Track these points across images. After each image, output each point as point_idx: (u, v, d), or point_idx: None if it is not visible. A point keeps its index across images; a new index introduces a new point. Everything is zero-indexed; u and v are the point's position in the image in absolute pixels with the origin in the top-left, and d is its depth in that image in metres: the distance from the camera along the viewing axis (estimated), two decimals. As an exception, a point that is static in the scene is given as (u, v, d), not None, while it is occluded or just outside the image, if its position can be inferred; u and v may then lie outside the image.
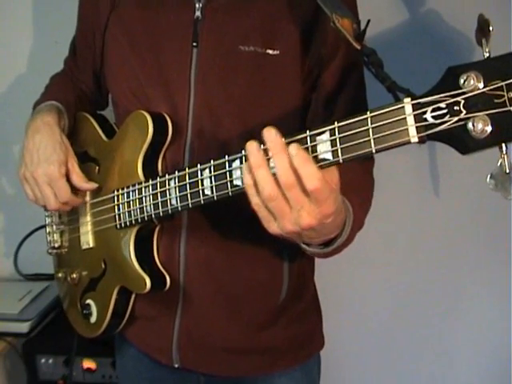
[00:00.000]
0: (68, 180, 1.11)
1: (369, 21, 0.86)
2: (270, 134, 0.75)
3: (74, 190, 1.13)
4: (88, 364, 1.64)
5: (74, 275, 1.23)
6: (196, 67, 1.06)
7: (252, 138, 1.04)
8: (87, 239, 1.19)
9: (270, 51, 1.04)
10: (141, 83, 1.11)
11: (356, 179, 0.98)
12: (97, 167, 1.18)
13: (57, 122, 1.13)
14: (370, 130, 0.71)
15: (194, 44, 1.06)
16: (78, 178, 1.13)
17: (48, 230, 1.30)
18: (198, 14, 1.06)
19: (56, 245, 1.28)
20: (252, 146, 0.77)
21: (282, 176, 0.73)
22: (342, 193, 0.86)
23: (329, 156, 0.75)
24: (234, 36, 1.04)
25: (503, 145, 0.64)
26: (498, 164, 0.65)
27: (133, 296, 1.16)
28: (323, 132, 0.76)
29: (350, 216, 0.92)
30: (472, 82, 0.64)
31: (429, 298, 1.81)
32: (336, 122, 0.74)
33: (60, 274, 1.29)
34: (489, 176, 0.66)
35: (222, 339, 1.15)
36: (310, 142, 0.77)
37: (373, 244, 1.71)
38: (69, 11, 1.25)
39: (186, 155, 1.08)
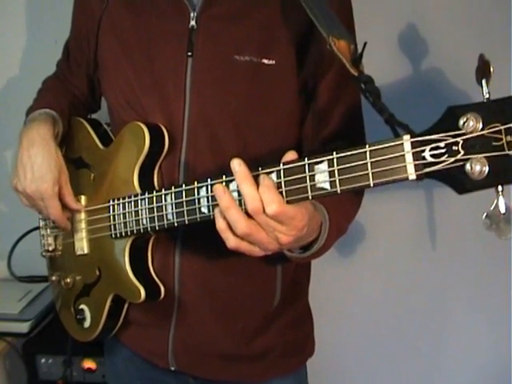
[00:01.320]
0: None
1: (365, 44, 0.86)
2: (235, 165, 0.80)
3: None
4: (88, 364, 1.65)
5: (68, 280, 1.23)
6: (191, 77, 1.06)
7: (247, 148, 1.06)
8: (82, 246, 1.19)
9: (266, 61, 1.03)
10: (135, 92, 1.10)
11: None
12: (92, 174, 1.18)
13: (52, 134, 1.13)
14: (369, 164, 0.72)
15: (189, 53, 1.05)
16: (69, 197, 1.14)
17: (42, 232, 1.30)
18: (192, 23, 1.05)
19: (50, 248, 1.28)
20: (218, 190, 0.81)
21: (248, 204, 0.78)
22: (320, 201, 0.93)
23: (327, 186, 0.76)
24: (229, 45, 1.04)
25: (499, 186, 0.65)
26: (494, 204, 0.66)
27: (126, 303, 1.17)
28: (321, 161, 0.76)
29: (326, 221, 0.94)
30: (471, 123, 0.64)
31: (426, 305, 1.84)
32: (334, 153, 0.75)
33: (54, 277, 1.29)
34: (484, 215, 0.67)
35: (216, 347, 1.17)
36: (309, 172, 0.77)
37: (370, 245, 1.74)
38: (68, 11, 1.24)
39: (181, 166, 1.08)
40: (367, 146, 0.72)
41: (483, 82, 0.66)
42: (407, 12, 1.55)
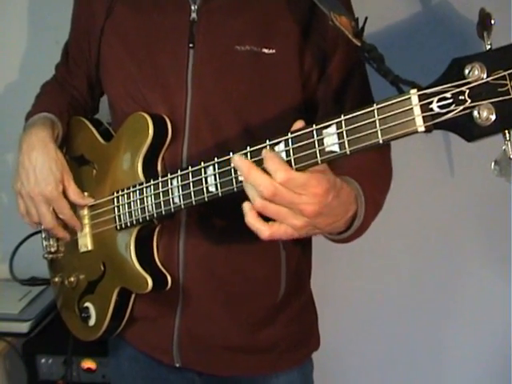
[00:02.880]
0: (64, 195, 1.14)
1: (366, 18, 0.89)
2: (236, 161, 0.81)
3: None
4: (88, 364, 1.65)
5: (72, 279, 1.23)
6: (193, 68, 1.08)
7: (249, 136, 1.08)
8: (85, 242, 1.19)
9: (266, 50, 1.05)
10: (138, 86, 1.12)
11: (364, 162, 0.99)
12: (94, 170, 1.19)
13: (51, 136, 1.14)
14: (377, 122, 0.73)
15: (191, 45, 1.08)
16: (75, 195, 1.15)
17: (44, 234, 1.30)
18: (193, 15, 1.08)
19: (52, 249, 1.28)
20: (235, 160, 0.81)
21: (263, 191, 0.77)
22: (351, 176, 0.93)
23: (336, 148, 0.77)
24: (229, 36, 1.06)
25: (506, 132, 0.67)
26: (502, 150, 0.67)
27: (132, 297, 1.17)
28: (329, 125, 0.78)
29: (361, 196, 0.94)
30: (476, 72, 0.66)
31: (428, 295, 1.85)
32: (342, 115, 0.77)
33: (56, 279, 1.28)
34: (493, 162, 0.68)
35: (221, 338, 1.16)
36: (317, 136, 0.79)
37: (373, 237, 1.72)
38: (69, 11, 1.26)
39: (184, 156, 1.09)
40: (375, 105, 0.74)
41: (484, 34, 0.69)
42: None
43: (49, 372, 1.68)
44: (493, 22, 0.68)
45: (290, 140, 0.81)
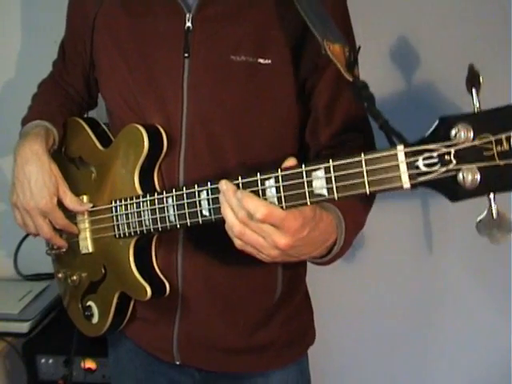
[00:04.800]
0: (61, 204, 1.16)
1: (359, 47, 0.87)
2: (222, 185, 0.84)
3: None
4: (88, 364, 1.67)
5: (74, 277, 1.26)
6: (188, 78, 1.07)
7: (245, 147, 1.08)
8: (86, 245, 1.21)
9: (262, 60, 1.04)
10: (133, 92, 1.12)
11: None
12: (93, 174, 1.20)
13: (44, 148, 1.14)
14: (365, 172, 0.73)
15: (186, 55, 1.06)
16: (72, 203, 1.17)
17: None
18: (188, 24, 1.06)
19: (55, 246, 1.30)
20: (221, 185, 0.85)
21: (237, 213, 0.81)
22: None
23: (324, 192, 0.78)
24: (225, 46, 1.05)
25: (491, 193, 0.67)
26: (486, 211, 0.68)
27: (133, 300, 1.20)
28: (318, 169, 0.78)
29: (341, 224, 0.95)
30: (463, 134, 0.66)
31: (424, 293, 1.89)
32: (331, 160, 0.77)
33: (60, 275, 1.31)
34: (477, 221, 0.69)
35: (219, 341, 1.20)
36: (306, 177, 0.79)
37: (370, 239, 1.77)
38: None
39: (181, 165, 1.10)
40: (362, 155, 0.74)
41: (473, 91, 0.68)
42: (399, 25, 1.57)
43: (49, 372, 1.70)
44: (481, 80, 0.67)
45: (280, 177, 0.82)
